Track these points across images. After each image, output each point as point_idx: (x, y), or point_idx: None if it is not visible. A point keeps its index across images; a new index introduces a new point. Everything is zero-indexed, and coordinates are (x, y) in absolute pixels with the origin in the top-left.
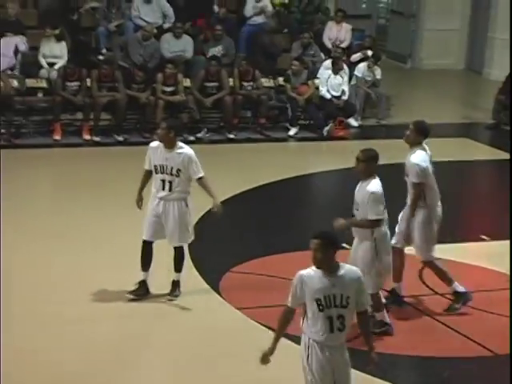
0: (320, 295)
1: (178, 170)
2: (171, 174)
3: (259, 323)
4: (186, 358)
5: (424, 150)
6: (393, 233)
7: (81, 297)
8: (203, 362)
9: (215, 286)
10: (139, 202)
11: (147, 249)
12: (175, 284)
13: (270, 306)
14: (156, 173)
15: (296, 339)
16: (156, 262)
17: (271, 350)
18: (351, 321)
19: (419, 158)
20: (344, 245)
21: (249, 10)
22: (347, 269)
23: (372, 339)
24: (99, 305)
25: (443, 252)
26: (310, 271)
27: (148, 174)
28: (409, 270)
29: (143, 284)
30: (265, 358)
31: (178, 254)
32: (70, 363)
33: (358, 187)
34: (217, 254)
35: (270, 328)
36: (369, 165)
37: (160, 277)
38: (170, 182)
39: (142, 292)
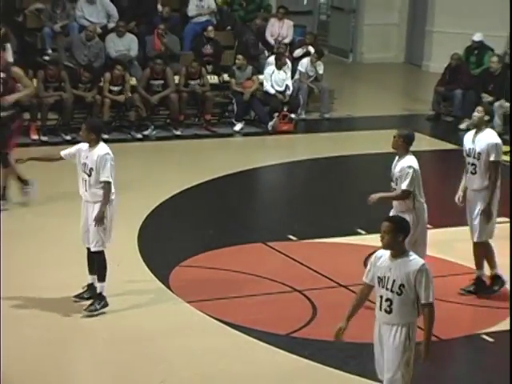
0: (379, 274)
1: (91, 170)
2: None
3: (209, 315)
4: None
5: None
6: None
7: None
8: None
9: (165, 281)
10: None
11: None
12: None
13: (219, 298)
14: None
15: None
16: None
17: (345, 326)
18: (404, 308)
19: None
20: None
21: (192, 9)
22: (410, 259)
23: (429, 334)
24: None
25: None
26: (384, 251)
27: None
28: None
29: (90, 287)
30: (338, 334)
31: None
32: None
33: (394, 163)
34: (165, 249)
35: (219, 320)
36: (405, 143)
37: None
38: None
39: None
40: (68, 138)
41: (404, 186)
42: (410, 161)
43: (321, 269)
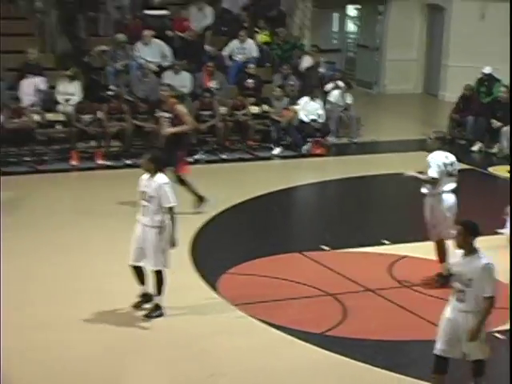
0: (454, 268)
1: (150, 197)
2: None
3: (253, 317)
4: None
5: None
6: None
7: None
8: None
9: (214, 287)
10: None
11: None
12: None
13: (262, 301)
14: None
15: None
16: None
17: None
18: (475, 298)
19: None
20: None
21: (231, 49)
22: (478, 257)
23: (483, 320)
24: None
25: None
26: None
27: None
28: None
29: (144, 296)
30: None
31: (156, 278)
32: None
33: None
34: (214, 258)
35: (261, 321)
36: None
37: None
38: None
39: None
40: (129, 162)
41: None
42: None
43: (350, 275)
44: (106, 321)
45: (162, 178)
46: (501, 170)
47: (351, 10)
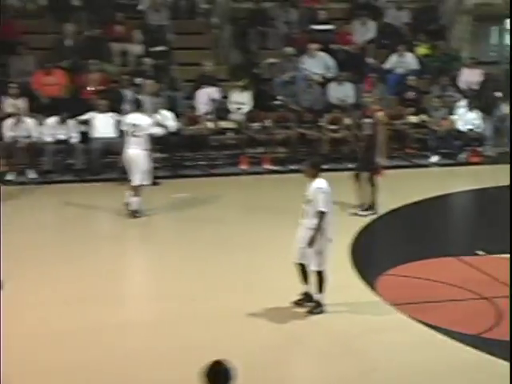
0: None
1: (309, 201)
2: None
3: (409, 316)
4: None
5: None
6: None
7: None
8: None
9: (372, 287)
10: None
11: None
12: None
13: (418, 302)
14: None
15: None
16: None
17: None
18: None
19: None
20: (479, 252)
21: (392, 62)
22: None
23: None
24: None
25: None
26: None
27: None
28: None
29: (306, 294)
30: None
31: (317, 277)
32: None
33: None
34: (372, 260)
35: (417, 320)
36: None
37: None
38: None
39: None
40: (293, 167)
41: None
42: None
43: (505, 279)
44: (266, 316)
45: (319, 183)
46: None
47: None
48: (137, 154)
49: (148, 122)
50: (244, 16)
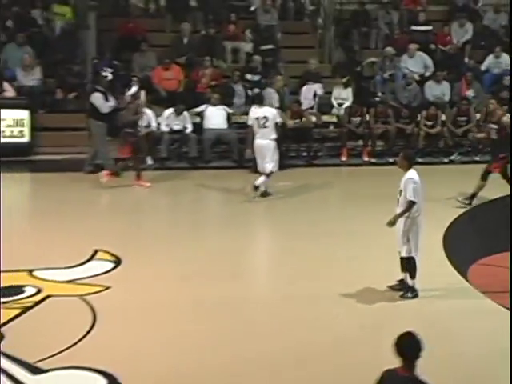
0: None
1: (400, 191)
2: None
3: (500, 304)
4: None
5: None
6: None
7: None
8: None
9: (464, 275)
10: None
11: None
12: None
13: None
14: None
15: None
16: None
17: None
18: None
19: None
20: None
21: (488, 63)
22: None
23: None
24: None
25: None
26: None
27: None
28: None
29: (402, 281)
30: None
31: (407, 263)
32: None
33: None
34: (465, 249)
35: (502, 306)
36: None
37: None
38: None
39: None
40: (391, 160)
41: None
42: None
43: None
44: (363, 297)
45: (411, 173)
46: None
47: None
48: (267, 144)
49: (274, 113)
50: (348, 17)
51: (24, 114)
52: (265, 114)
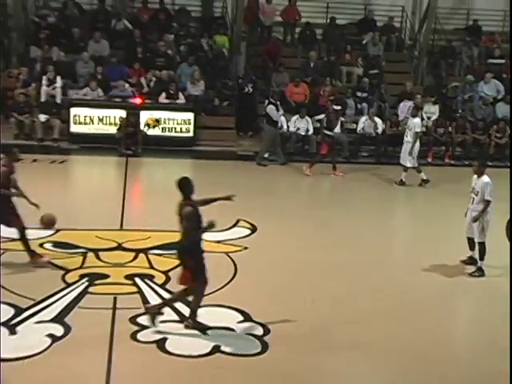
0: None
1: (477, 192)
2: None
3: None
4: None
5: None
6: None
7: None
8: None
9: None
10: None
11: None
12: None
13: None
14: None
15: None
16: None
17: None
18: None
19: None
20: None
21: None
22: None
23: None
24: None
25: None
26: None
27: None
28: None
29: (471, 258)
30: None
31: (480, 247)
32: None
33: None
34: None
35: None
36: None
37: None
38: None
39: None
40: (466, 163)
41: None
42: None
43: None
44: (439, 270)
45: (486, 178)
46: None
47: None
48: (407, 144)
49: (417, 122)
50: (437, 51)
51: (190, 116)
52: (413, 122)
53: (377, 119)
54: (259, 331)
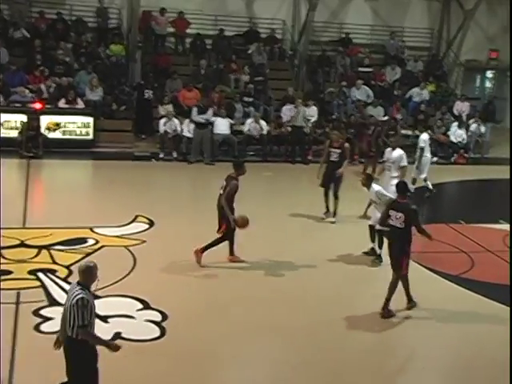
0: None
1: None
2: None
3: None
4: None
5: None
6: None
7: None
8: None
9: None
10: None
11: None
12: None
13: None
14: None
15: None
16: None
17: None
18: None
19: None
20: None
21: (412, 94)
22: None
23: None
24: None
25: None
26: None
27: None
28: None
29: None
30: None
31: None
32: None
33: None
34: None
35: (420, 264)
36: None
37: None
38: None
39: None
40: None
41: None
42: None
43: (477, 240)
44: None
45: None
46: None
47: (489, 74)
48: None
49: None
50: (315, 60)
51: (90, 119)
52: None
53: (262, 122)
54: (157, 317)
